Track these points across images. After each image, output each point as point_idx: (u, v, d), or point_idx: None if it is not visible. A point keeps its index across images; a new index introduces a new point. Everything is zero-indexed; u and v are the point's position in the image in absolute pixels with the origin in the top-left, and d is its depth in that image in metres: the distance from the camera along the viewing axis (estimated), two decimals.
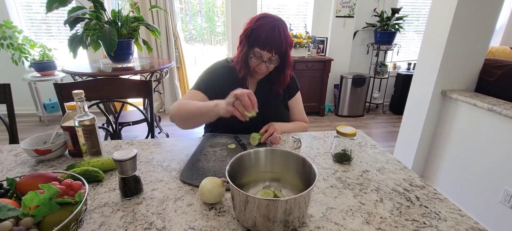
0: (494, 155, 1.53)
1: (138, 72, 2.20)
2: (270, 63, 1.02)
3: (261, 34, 0.96)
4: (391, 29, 3.49)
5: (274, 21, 0.97)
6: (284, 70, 1.08)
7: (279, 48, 0.98)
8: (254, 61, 1.02)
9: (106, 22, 2.13)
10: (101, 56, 3.24)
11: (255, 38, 0.98)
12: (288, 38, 0.99)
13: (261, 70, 1.03)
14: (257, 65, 1.02)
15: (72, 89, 1.26)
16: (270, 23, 0.96)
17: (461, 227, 0.60)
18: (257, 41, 0.97)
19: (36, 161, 0.86)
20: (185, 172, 0.79)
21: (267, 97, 1.13)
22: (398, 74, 3.86)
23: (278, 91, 1.13)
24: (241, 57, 1.03)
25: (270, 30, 0.95)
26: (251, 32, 0.99)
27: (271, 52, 0.98)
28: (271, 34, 0.95)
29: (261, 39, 0.96)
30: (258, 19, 0.99)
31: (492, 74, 1.73)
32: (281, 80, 1.10)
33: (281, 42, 0.97)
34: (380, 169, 0.84)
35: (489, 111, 1.51)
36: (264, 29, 0.96)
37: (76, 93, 0.76)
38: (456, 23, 1.64)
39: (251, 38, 0.99)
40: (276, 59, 1.01)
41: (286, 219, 0.55)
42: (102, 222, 0.60)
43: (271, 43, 0.96)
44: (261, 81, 1.13)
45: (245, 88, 0.84)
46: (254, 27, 0.98)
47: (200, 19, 4.99)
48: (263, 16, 0.99)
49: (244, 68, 1.05)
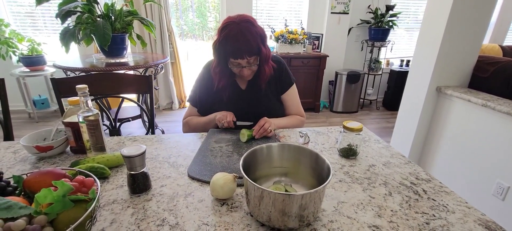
0: (487, 149, 1.58)
1: (132, 67, 2.16)
2: (250, 66, 1.01)
3: (230, 44, 0.96)
4: (385, 26, 3.53)
5: (238, 26, 0.95)
6: (262, 66, 1.05)
7: (251, 50, 0.97)
8: (235, 69, 1.02)
9: (99, 16, 2.07)
10: (93, 51, 3.16)
11: (225, 50, 0.98)
12: (258, 35, 0.98)
13: (245, 74, 1.03)
14: (240, 71, 1.02)
15: (70, 84, 1.23)
16: (234, 31, 0.94)
17: (469, 218, 0.62)
18: (228, 52, 0.98)
19: (36, 158, 0.83)
20: (193, 168, 0.78)
21: (258, 94, 1.13)
22: (392, 71, 3.92)
23: (262, 86, 1.11)
24: (218, 70, 1.05)
25: (236, 36, 0.94)
26: (220, 45, 0.98)
27: (246, 58, 0.97)
28: (238, 41, 0.95)
29: (231, 50, 0.97)
30: (222, 30, 0.98)
31: (485, 71, 1.78)
32: (262, 74, 1.07)
33: (251, 44, 0.96)
34: (386, 163, 0.85)
35: (483, 107, 1.56)
36: (230, 39, 0.95)
37: (80, 88, 0.74)
38: (452, 21, 1.67)
39: (221, 50, 0.99)
40: (254, 59, 1.01)
41: (301, 214, 0.55)
42: (113, 220, 0.59)
43: (241, 50, 0.96)
44: (250, 80, 1.13)
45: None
46: (221, 39, 0.97)
47: (192, 14, 4.92)
48: (226, 24, 0.97)
49: (225, 78, 1.06)
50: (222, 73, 1.05)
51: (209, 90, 1.12)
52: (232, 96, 1.11)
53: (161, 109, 3.76)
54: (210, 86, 1.11)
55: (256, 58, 1.01)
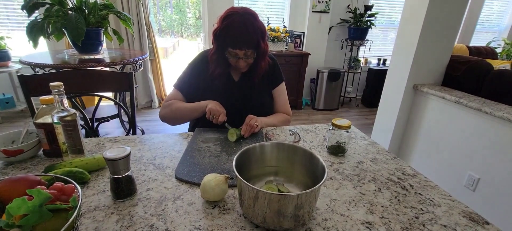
0: (459, 143, 1.68)
1: (109, 64, 2.04)
2: (247, 58, 1.02)
3: (231, 34, 0.96)
4: (364, 25, 3.64)
5: (241, 17, 0.96)
6: (259, 60, 1.06)
7: (251, 43, 0.98)
8: (231, 59, 1.02)
9: (70, 9, 1.93)
10: (64, 46, 2.96)
11: (225, 39, 0.98)
12: (259, 30, 0.99)
13: (241, 66, 1.03)
14: (236, 62, 1.02)
15: (41, 82, 1.13)
16: (238, 21, 0.95)
17: (454, 211, 0.65)
18: (228, 41, 0.98)
19: (4, 163, 0.75)
20: (180, 169, 0.75)
21: (250, 88, 1.13)
22: (370, 69, 4.06)
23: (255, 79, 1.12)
24: (215, 57, 1.04)
25: (239, 27, 0.95)
26: (220, 33, 0.98)
27: (244, 49, 0.98)
28: (241, 32, 0.95)
29: (232, 39, 0.97)
30: (224, 18, 0.98)
31: (457, 69, 1.89)
32: (258, 69, 1.09)
33: (251, 37, 0.97)
34: (373, 160, 0.87)
35: (456, 103, 1.65)
36: (233, 28, 0.95)
37: (55, 86, 0.67)
38: (427, 23, 1.75)
39: (220, 38, 0.99)
40: (252, 52, 1.01)
41: (297, 214, 0.54)
42: (95, 228, 0.54)
43: (242, 41, 0.96)
44: (244, 72, 1.12)
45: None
46: (222, 27, 0.97)
47: (170, 10, 4.76)
48: (230, 13, 0.98)
49: (221, 67, 1.06)
50: (218, 61, 1.04)
51: (201, 78, 1.10)
52: (224, 86, 1.10)
53: (140, 108, 3.61)
54: (203, 73, 1.10)
55: (254, 52, 1.02)
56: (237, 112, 1.03)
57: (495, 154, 1.49)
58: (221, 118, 0.97)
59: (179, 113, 1.07)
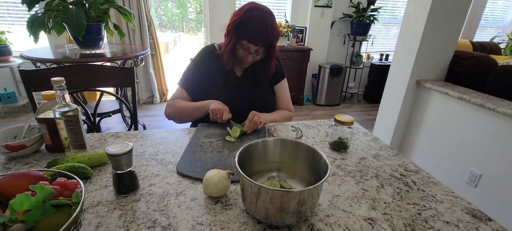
0: (462, 139, 1.67)
1: (110, 59, 2.03)
2: (256, 55, 1.03)
3: (249, 27, 0.97)
4: (366, 20, 3.60)
5: (262, 14, 0.97)
6: (269, 61, 1.09)
7: (265, 41, 1.00)
8: (241, 52, 1.02)
9: (71, 3, 1.92)
10: (65, 41, 2.95)
11: (243, 31, 0.98)
12: (275, 31, 1.00)
13: (248, 61, 1.04)
14: (244, 56, 1.03)
15: (43, 76, 1.13)
16: (258, 16, 0.96)
17: (456, 208, 0.64)
18: (245, 33, 0.98)
19: (6, 158, 0.75)
20: (182, 165, 0.75)
21: (253, 84, 1.13)
22: (372, 65, 4.03)
23: (263, 80, 1.15)
24: (229, 48, 1.03)
25: (259, 23, 0.96)
26: (239, 24, 0.98)
27: (258, 45, 0.99)
28: (259, 27, 0.96)
29: (249, 32, 0.97)
30: (246, 11, 0.98)
31: (461, 65, 1.87)
32: (266, 70, 1.11)
33: (268, 35, 0.98)
34: (375, 156, 0.86)
35: (459, 99, 1.64)
36: (253, 22, 0.96)
37: (56, 81, 0.67)
38: (431, 18, 1.73)
39: (238, 30, 0.99)
40: (263, 51, 1.03)
41: (299, 210, 0.54)
42: (98, 223, 0.55)
43: (259, 37, 0.97)
44: (247, 68, 1.13)
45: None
46: (243, 19, 0.97)
47: (171, 4, 4.72)
48: (251, 7, 0.98)
49: (232, 59, 1.06)
50: (230, 53, 1.04)
51: (205, 73, 1.11)
52: (227, 82, 1.10)
53: (142, 103, 3.61)
54: (207, 69, 1.11)
55: (264, 51, 1.03)
56: (239, 108, 1.03)
57: (497, 151, 1.48)
58: (224, 116, 0.97)
59: (183, 112, 1.08)
